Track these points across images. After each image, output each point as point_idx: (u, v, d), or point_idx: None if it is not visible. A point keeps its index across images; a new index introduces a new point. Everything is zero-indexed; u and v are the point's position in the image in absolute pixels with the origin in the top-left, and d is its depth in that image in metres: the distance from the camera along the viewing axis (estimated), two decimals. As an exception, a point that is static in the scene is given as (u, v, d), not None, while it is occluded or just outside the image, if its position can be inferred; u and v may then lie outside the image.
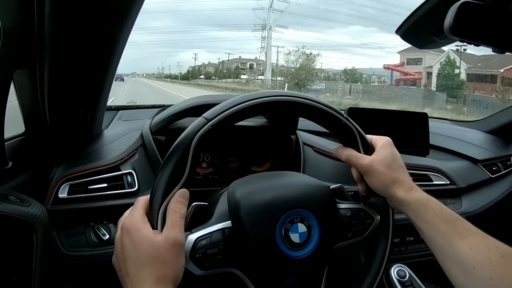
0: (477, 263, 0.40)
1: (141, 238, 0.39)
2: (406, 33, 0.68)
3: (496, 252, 0.41)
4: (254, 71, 27.13)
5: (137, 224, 0.41)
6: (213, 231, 0.45)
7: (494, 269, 0.40)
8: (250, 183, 0.50)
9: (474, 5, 0.48)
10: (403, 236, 0.85)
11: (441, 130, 1.21)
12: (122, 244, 0.41)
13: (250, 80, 25.80)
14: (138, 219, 0.41)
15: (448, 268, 0.43)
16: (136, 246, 0.39)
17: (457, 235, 0.43)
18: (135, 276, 0.38)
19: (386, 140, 0.51)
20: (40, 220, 0.54)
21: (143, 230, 0.40)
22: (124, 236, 0.41)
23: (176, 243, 0.40)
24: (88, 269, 0.66)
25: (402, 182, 0.48)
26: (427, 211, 0.46)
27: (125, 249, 0.40)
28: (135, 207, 0.43)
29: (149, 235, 0.39)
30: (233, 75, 28.08)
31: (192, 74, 32.62)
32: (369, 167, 0.49)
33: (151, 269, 0.38)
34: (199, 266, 0.43)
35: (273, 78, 23.23)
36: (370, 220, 0.51)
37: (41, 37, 0.53)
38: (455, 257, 0.42)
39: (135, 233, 0.40)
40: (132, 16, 0.55)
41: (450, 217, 0.45)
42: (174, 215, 0.41)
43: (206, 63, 33.01)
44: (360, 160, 0.49)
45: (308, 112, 0.49)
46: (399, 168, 0.49)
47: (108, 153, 0.73)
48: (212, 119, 0.44)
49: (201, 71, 32.47)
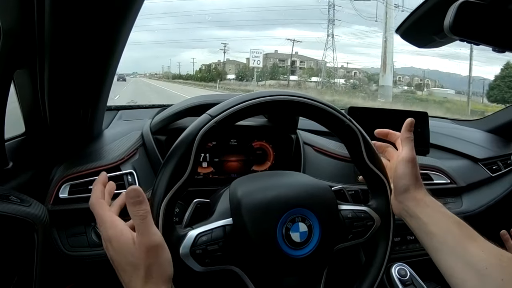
0: (489, 264, 0.41)
1: (120, 247, 0.40)
2: (406, 32, 0.68)
3: (505, 254, 0.42)
4: (306, 70, 22.80)
5: (115, 231, 0.40)
6: (214, 228, 0.45)
7: (505, 270, 0.40)
8: (252, 181, 0.50)
9: (474, 4, 0.48)
10: (403, 235, 0.85)
11: (441, 129, 1.21)
12: (109, 253, 0.41)
13: (301, 82, 21.37)
14: (113, 225, 0.41)
15: (459, 271, 0.43)
16: (120, 255, 0.40)
17: (469, 238, 0.44)
18: (129, 282, 0.39)
19: (410, 143, 0.55)
20: (41, 220, 0.54)
21: (121, 238, 0.40)
22: (107, 246, 0.41)
23: (149, 247, 0.39)
24: (89, 269, 0.66)
25: (422, 186, 0.51)
26: (442, 215, 0.47)
27: (113, 258, 0.41)
28: (98, 213, 0.42)
29: (127, 243, 0.39)
30: (269, 75, 22.63)
31: (210, 74, 26.42)
32: (412, 159, 0.51)
33: (139, 274, 0.39)
34: (199, 262, 0.43)
35: (331, 80, 19.93)
36: (371, 222, 0.51)
37: (41, 37, 0.53)
38: (467, 259, 0.42)
39: (115, 242, 0.40)
40: (133, 15, 0.55)
41: (460, 221, 0.47)
42: (135, 220, 0.40)
43: (225, 60, 26.83)
44: (412, 147, 0.53)
45: (312, 112, 0.49)
46: (419, 173, 0.52)
47: (108, 153, 0.73)
48: (216, 116, 0.44)
49: (225, 71, 26.94)
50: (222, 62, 28.42)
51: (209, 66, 29.58)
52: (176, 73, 31.78)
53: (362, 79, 22.81)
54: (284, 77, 22.90)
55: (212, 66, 28.98)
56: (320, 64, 20.24)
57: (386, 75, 14.64)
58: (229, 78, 25.84)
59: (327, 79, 20.41)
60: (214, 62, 29.66)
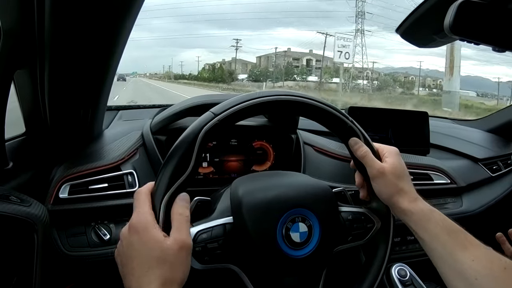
0: (479, 275, 0.40)
1: (150, 239, 0.39)
2: (406, 32, 0.68)
3: (498, 264, 0.41)
4: (326, 70, 19.18)
5: (146, 224, 0.40)
6: (214, 226, 0.45)
7: (496, 281, 0.39)
8: (253, 181, 0.51)
9: (474, 4, 0.48)
10: (403, 236, 0.85)
11: (441, 129, 1.21)
12: (129, 242, 0.40)
13: (322, 83, 18.36)
14: (147, 218, 0.40)
15: (450, 279, 0.43)
16: (145, 246, 0.39)
17: (459, 246, 0.43)
18: (141, 276, 0.38)
19: (394, 150, 0.52)
20: (41, 220, 0.54)
21: (153, 231, 0.40)
22: (132, 234, 0.40)
23: (184, 246, 0.39)
24: (89, 269, 0.66)
25: (407, 192, 0.48)
26: (429, 222, 0.46)
27: (133, 247, 0.40)
28: (139, 202, 0.42)
29: (158, 237, 0.39)
30: (282, 75, 19.40)
31: (218, 74, 23.00)
32: (380, 172, 0.48)
33: (159, 271, 0.38)
34: (198, 259, 0.43)
35: (354, 81, 17.64)
36: (371, 224, 0.51)
37: (41, 37, 0.53)
38: (457, 268, 0.42)
39: (144, 233, 0.39)
40: (133, 15, 0.55)
41: (453, 228, 0.45)
42: (179, 218, 0.41)
43: (234, 59, 23.03)
44: (375, 162, 0.49)
45: (314, 113, 0.49)
46: (405, 178, 0.49)
47: (108, 153, 0.73)
48: (219, 113, 0.44)
49: (236, 70, 23.67)
50: (228, 62, 25.51)
51: (213, 65, 27.00)
52: (178, 73, 29.66)
53: (386, 80, 21.15)
54: (301, 78, 20.09)
55: (217, 65, 26.56)
56: (336, 64, 17.51)
57: (453, 78, 12.00)
58: (241, 79, 23.86)
59: (349, 80, 18.12)
60: (218, 62, 27.52)
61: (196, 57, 29.24)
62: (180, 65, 32.06)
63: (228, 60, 26.01)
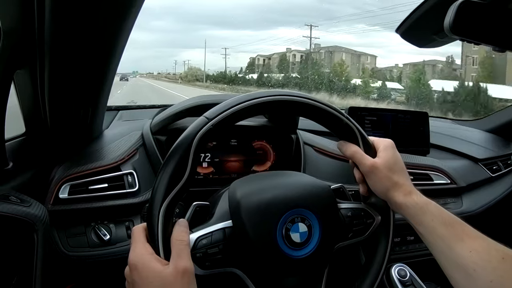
0: (477, 266, 0.40)
1: (149, 272, 0.39)
2: (406, 32, 0.68)
3: (496, 254, 0.41)
4: None
5: (143, 258, 0.40)
6: (214, 231, 0.45)
7: (494, 272, 0.39)
8: (251, 182, 0.50)
9: (474, 4, 0.48)
10: (403, 236, 0.85)
11: (441, 129, 1.21)
12: (132, 280, 0.40)
13: None
14: (142, 252, 0.40)
15: (449, 272, 0.43)
16: (146, 281, 0.39)
17: (457, 238, 0.43)
18: None
19: (389, 143, 0.51)
20: (41, 220, 0.54)
21: (150, 264, 0.39)
22: (132, 272, 0.40)
23: (186, 272, 0.39)
24: (89, 269, 0.66)
25: (402, 185, 0.48)
26: (425, 215, 0.45)
27: (136, 284, 0.40)
28: (134, 239, 0.42)
29: (156, 268, 0.39)
30: None
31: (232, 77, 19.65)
32: (371, 168, 0.48)
33: None
34: (199, 265, 0.43)
35: None
36: (371, 220, 0.51)
37: (41, 37, 0.53)
38: (455, 260, 0.42)
39: (142, 268, 0.39)
40: (133, 15, 0.55)
41: (450, 220, 0.45)
42: (179, 244, 0.41)
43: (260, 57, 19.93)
44: (364, 159, 0.49)
45: (309, 112, 0.49)
46: (400, 171, 0.49)
47: (108, 153, 0.73)
48: (213, 118, 0.44)
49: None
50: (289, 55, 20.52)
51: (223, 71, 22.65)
52: (179, 73, 26.88)
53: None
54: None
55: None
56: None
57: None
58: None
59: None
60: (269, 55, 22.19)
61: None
62: (187, 61, 27.18)
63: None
